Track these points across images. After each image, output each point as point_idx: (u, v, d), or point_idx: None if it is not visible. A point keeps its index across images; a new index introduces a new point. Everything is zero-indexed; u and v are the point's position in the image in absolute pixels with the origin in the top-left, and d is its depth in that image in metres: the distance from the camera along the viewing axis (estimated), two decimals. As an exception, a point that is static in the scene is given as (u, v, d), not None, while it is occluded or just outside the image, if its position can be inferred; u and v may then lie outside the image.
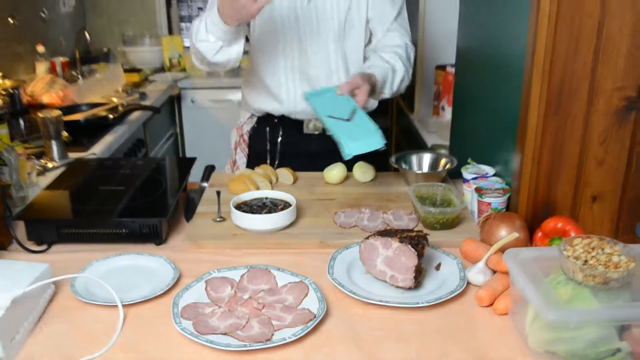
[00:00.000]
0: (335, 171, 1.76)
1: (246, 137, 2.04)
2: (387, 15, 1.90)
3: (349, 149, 1.50)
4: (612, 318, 1.00)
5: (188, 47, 1.91)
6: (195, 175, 1.80)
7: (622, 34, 1.29)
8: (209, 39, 1.67)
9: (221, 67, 1.78)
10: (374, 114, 1.85)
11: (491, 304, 1.18)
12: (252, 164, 2.00)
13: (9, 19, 3.04)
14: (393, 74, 1.85)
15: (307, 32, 1.83)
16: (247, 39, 1.81)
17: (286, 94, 1.90)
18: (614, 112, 1.34)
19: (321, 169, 1.80)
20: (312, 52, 1.86)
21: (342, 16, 1.84)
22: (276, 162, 1.99)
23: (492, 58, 1.72)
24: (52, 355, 1.05)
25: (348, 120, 1.58)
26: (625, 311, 1.02)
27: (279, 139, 1.97)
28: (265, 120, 2.00)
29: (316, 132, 1.96)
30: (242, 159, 2.06)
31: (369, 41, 1.95)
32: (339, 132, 1.54)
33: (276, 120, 1.97)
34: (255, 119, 2.03)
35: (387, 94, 1.87)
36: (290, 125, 1.97)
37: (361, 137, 1.53)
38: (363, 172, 1.78)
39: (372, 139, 1.54)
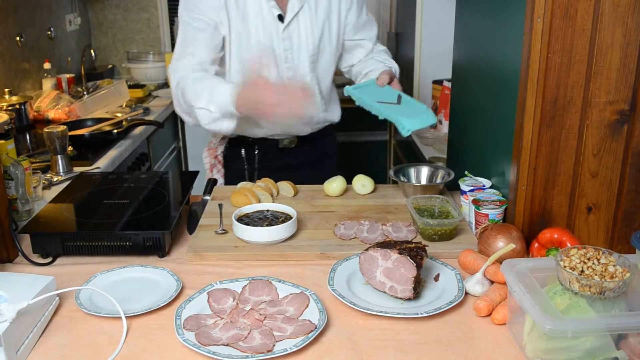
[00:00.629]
0: (335, 184, 1.76)
1: (221, 158, 2.05)
2: (372, 34, 2.01)
3: (407, 125, 1.55)
4: (608, 327, 0.99)
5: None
6: (197, 188, 1.80)
7: (613, 48, 1.29)
8: (209, 108, 1.69)
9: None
10: (376, 123, 1.88)
11: (489, 314, 1.18)
12: (229, 183, 2.01)
13: (17, 37, 3.06)
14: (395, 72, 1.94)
15: (283, 58, 1.84)
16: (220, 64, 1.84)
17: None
18: (607, 125, 1.34)
19: (301, 181, 1.81)
20: (287, 77, 1.87)
21: (315, 42, 1.87)
22: (255, 179, 1.98)
23: (488, 72, 1.73)
24: (57, 367, 1.05)
25: (397, 103, 1.63)
26: (621, 320, 1.01)
27: (256, 158, 1.97)
28: (240, 141, 2.00)
29: (292, 146, 1.97)
30: (219, 179, 2.06)
31: (341, 58, 2.03)
32: (393, 113, 1.59)
33: (250, 139, 1.98)
34: (227, 140, 2.03)
35: None
36: (265, 143, 1.98)
37: (415, 114, 1.59)
38: (362, 184, 1.78)
39: (425, 116, 1.59)
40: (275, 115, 1.57)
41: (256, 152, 1.97)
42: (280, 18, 1.80)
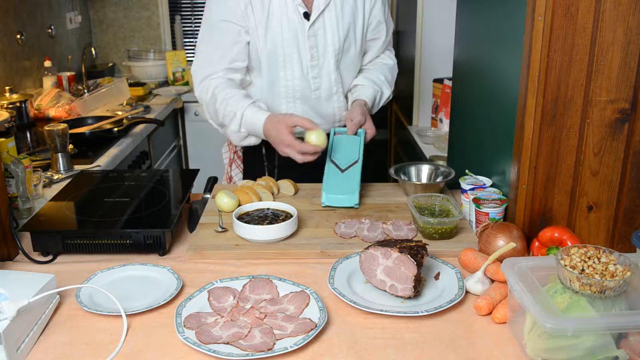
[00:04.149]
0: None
1: (240, 154, 2.04)
2: (383, 38, 1.97)
3: (325, 200, 1.67)
4: (609, 326, 0.99)
5: (192, 62, 1.91)
6: (198, 186, 1.80)
7: (614, 47, 1.29)
8: (240, 130, 1.80)
9: None
10: (376, 122, 1.89)
11: (489, 313, 1.18)
12: (248, 178, 1.99)
13: (17, 36, 3.06)
14: (380, 96, 1.96)
15: (308, 57, 1.83)
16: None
17: None
18: (607, 124, 1.34)
19: (320, 179, 1.80)
20: (312, 77, 1.86)
21: (341, 40, 1.85)
22: (275, 176, 1.98)
23: (489, 71, 1.73)
24: (57, 365, 1.05)
25: (343, 171, 1.74)
26: (622, 319, 1.01)
27: (276, 155, 1.97)
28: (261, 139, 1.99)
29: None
30: (238, 174, 2.05)
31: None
32: (327, 179, 1.72)
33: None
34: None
35: (372, 112, 1.97)
36: None
37: (340, 192, 1.68)
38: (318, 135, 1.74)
39: (348, 197, 1.67)
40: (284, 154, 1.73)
41: (276, 150, 1.97)
42: (306, 16, 1.79)
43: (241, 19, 1.76)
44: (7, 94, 2.85)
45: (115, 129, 2.66)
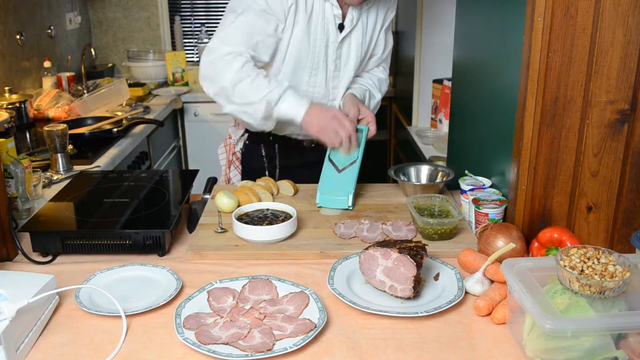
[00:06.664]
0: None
1: (239, 155, 2.03)
2: (382, 53, 1.99)
3: (319, 202, 1.69)
4: (608, 327, 0.99)
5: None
6: (197, 187, 1.80)
7: (614, 47, 1.29)
8: (264, 126, 1.74)
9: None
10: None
11: (489, 314, 1.18)
12: (247, 179, 1.99)
13: (17, 36, 3.06)
14: (370, 96, 1.96)
15: (332, 68, 1.86)
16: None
17: None
18: (607, 125, 1.34)
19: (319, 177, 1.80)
20: (333, 87, 1.89)
21: (361, 56, 1.89)
22: (276, 176, 1.98)
23: (488, 72, 1.73)
24: (56, 366, 1.05)
25: (340, 171, 1.74)
26: (621, 320, 1.01)
27: (277, 155, 1.97)
28: (260, 139, 1.99)
29: (312, 145, 1.97)
30: (236, 175, 2.05)
31: None
32: (323, 179, 1.73)
33: (271, 138, 1.97)
34: (246, 137, 2.01)
35: None
36: (286, 141, 1.97)
37: (335, 193, 1.69)
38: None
39: (341, 199, 1.68)
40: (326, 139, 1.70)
41: (276, 150, 1.97)
42: (340, 27, 1.81)
43: (282, 15, 1.73)
44: (7, 95, 2.85)
45: (115, 130, 2.65)
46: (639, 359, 0.99)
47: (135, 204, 1.56)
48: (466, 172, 1.68)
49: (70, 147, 2.26)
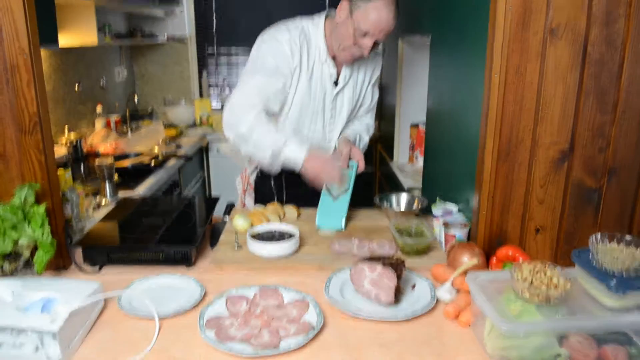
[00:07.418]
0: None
1: (253, 184, 2.04)
2: (370, 103, 1.98)
3: (319, 223, 1.68)
4: (553, 328, 0.99)
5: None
6: (218, 210, 1.80)
7: (555, 99, 1.31)
8: (272, 166, 1.72)
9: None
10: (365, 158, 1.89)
11: (456, 317, 1.17)
12: (259, 204, 1.99)
13: (75, 85, 3.10)
14: (359, 139, 1.95)
15: (329, 116, 1.87)
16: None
17: None
18: (551, 161, 1.35)
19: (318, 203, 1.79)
20: (329, 131, 1.89)
21: (352, 108, 1.89)
22: (283, 202, 1.98)
23: (455, 117, 1.75)
24: (101, 358, 1.04)
25: (334, 198, 1.72)
26: (563, 323, 1.01)
27: (284, 185, 1.97)
28: (269, 172, 1.98)
29: None
30: (250, 202, 2.05)
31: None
32: (321, 206, 1.72)
33: (280, 172, 1.97)
34: (258, 169, 2.00)
35: None
36: (292, 175, 1.97)
37: (331, 216, 1.69)
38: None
39: (336, 221, 1.68)
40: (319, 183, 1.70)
41: (283, 181, 1.97)
42: (335, 84, 1.83)
43: (289, 75, 1.74)
44: (66, 133, 2.87)
45: (152, 163, 2.67)
46: (578, 355, 0.98)
47: (167, 224, 1.56)
48: (437, 199, 1.69)
49: (116, 177, 2.27)
